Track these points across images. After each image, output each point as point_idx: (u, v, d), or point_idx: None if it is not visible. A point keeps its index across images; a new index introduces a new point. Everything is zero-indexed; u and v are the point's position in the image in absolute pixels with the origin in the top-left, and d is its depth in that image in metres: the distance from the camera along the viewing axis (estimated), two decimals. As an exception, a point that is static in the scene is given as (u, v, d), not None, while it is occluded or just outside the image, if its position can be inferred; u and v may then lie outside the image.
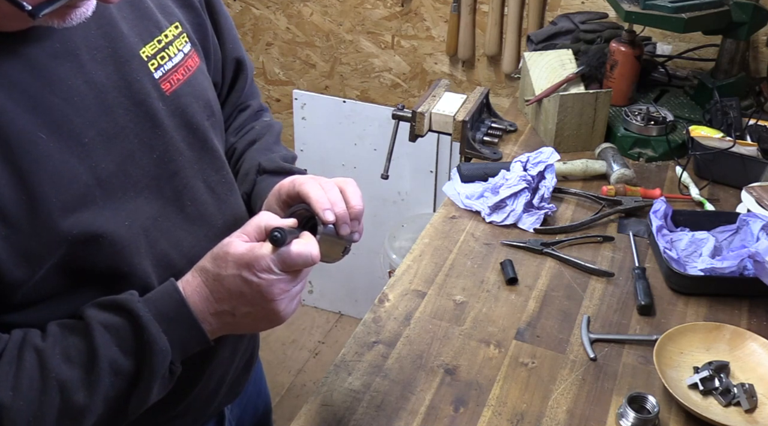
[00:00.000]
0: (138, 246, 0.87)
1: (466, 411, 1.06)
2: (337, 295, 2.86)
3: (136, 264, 0.87)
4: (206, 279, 0.85)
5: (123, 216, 0.86)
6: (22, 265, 0.78)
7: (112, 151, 0.85)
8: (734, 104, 1.67)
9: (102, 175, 0.83)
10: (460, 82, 2.35)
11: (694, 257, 1.33)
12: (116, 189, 0.85)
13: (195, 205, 0.94)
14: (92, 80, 0.83)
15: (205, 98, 0.97)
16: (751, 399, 1.05)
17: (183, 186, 0.93)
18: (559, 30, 1.94)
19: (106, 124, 0.84)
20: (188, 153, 0.94)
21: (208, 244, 0.93)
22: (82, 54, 0.83)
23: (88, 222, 0.82)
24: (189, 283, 0.85)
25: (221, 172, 1.00)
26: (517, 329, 1.20)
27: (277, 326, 0.88)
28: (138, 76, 0.87)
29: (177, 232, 0.92)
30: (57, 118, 0.80)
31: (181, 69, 0.93)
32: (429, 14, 2.29)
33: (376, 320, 1.21)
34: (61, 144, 0.80)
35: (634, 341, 1.17)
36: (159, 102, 0.89)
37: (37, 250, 0.79)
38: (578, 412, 1.05)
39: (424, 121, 1.70)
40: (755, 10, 1.65)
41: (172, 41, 0.93)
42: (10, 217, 0.76)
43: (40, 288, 0.82)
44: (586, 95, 1.63)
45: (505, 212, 1.43)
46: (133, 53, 0.88)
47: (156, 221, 0.90)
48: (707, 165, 1.56)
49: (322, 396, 1.08)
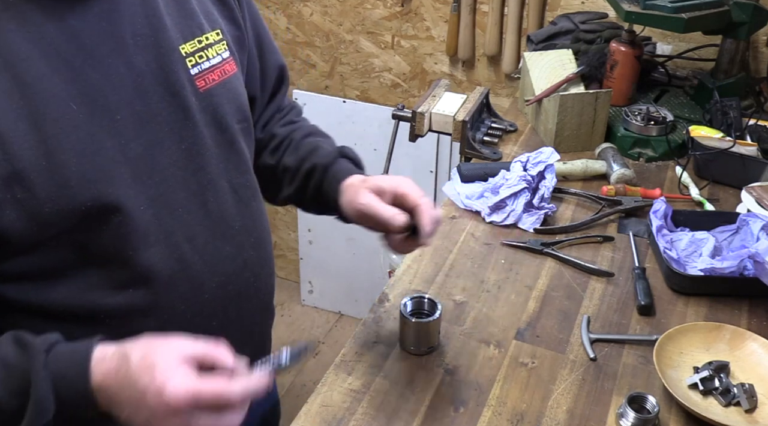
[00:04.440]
0: (149, 232, 0.88)
1: (466, 411, 1.06)
2: (337, 295, 2.86)
3: (142, 250, 0.87)
4: (117, 367, 0.78)
5: (142, 199, 0.87)
6: (32, 230, 0.80)
7: (143, 135, 0.87)
8: (734, 104, 1.67)
9: (130, 155, 0.85)
10: (460, 82, 2.35)
11: (694, 257, 1.33)
12: (142, 172, 0.87)
13: (217, 203, 0.95)
14: (132, 63, 0.86)
15: (238, 103, 1.00)
16: (751, 399, 1.05)
17: (207, 182, 0.94)
18: (559, 30, 1.94)
19: (140, 107, 0.87)
20: (215, 150, 0.95)
21: (223, 243, 0.95)
22: (127, 38, 0.86)
23: (105, 196, 0.83)
24: (104, 361, 0.79)
25: (246, 176, 1.01)
26: (517, 329, 1.20)
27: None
28: (175, 68, 0.90)
29: (194, 226, 0.93)
30: (92, 92, 0.82)
31: (217, 71, 0.96)
32: (429, 14, 2.29)
33: (376, 320, 1.21)
34: (92, 117, 0.82)
35: (634, 341, 1.17)
36: (192, 96, 0.92)
37: (49, 217, 0.80)
38: (578, 412, 1.05)
39: (424, 121, 1.70)
40: (755, 10, 1.65)
41: (212, 44, 0.96)
42: (28, 180, 0.78)
43: (42, 260, 0.83)
44: (586, 95, 1.63)
45: (505, 212, 1.43)
46: (173, 47, 0.91)
47: (175, 212, 0.91)
48: (707, 165, 1.56)
49: (322, 396, 1.08)
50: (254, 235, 1.01)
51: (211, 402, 0.76)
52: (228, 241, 0.95)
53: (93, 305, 0.88)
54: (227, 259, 0.97)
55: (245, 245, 1.00)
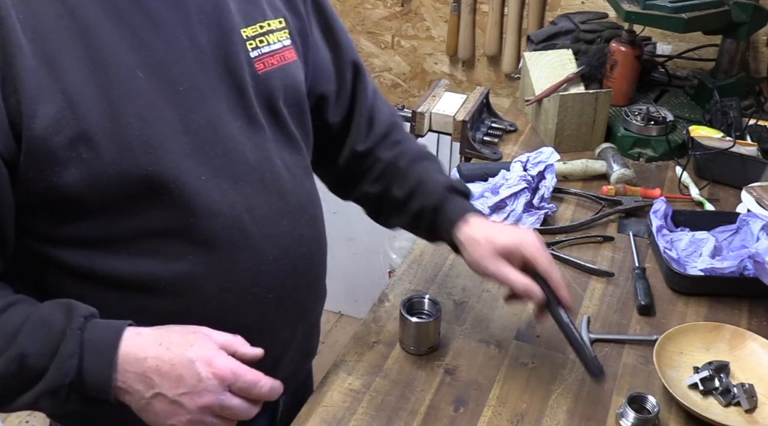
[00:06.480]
0: (211, 201, 0.90)
1: (466, 411, 1.06)
2: (337, 295, 2.85)
3: (204, 219, 0.90)
4: (157, 340, 0.83)
5: (204, 169, 0.89)
6: (94, 192, 0.83)
7: (204, 108, 0.90)
8: (734, 104, 1.67)
9: (191, 126, 0.88)
10: (460, 82, 2.35)
11: (694, 257, 1.33)
12: (204, 143, 0.90)
13: (273, 178, 0.97)
14: (195, 39, 0.89)
15: (294, 88, 1.02)
16: (751, 399, 1.05)
17: (264, 158, 0.96)
18: (559, 30, 1.94)
19: (201, 82, 0.90)
20: (268, 130, 0.98)
21: (280, 217, 0.98)
22: (192, 15, 0.89)
23: (165, 163, 0.86)
24: (139, 336, 0.83)
25: (298, 156, 1.03)
26: (517, 329, 1.20)
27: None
28: (236, 49, 0.93)
29: (254, 198, 0.95)
30: (157, 62, 0.86)
31: (276, 56, 0.99)
32: (429, 14, 2.29)
33: (376, 320, 1.21)
34: (156, 85, 0.85)
35: (634, 341, 1.17)
36: (249, 77, 0.95)
37: (111, 180, 0.83)
38: (578, 412, 1.05)
39: (424, 121, 1.70)
40: (755, 10, 1.66)
41: (273, 31, 0.99)
42: (94, 141, 0.81)
43: (103, 226, 0.87)
44: (586, 95, 1.63)
45: (505, 212, 1.43)
46: (235, 29, 0.94)
47: (237, 184, 0.93)
48: (707, 165, 1.56)
49: (322, 396, 1.08)
50: (309, 213, 1.04)
51: (246, 385, 0.82)
52: (285, 216, 0.98)
53: (154, 272, 0.90)
54: (285, 233, 0.99)
55: (301, 221, 1.01)
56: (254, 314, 0.98)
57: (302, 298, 1.05)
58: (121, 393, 0.82)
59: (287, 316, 1.03)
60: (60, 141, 0.80)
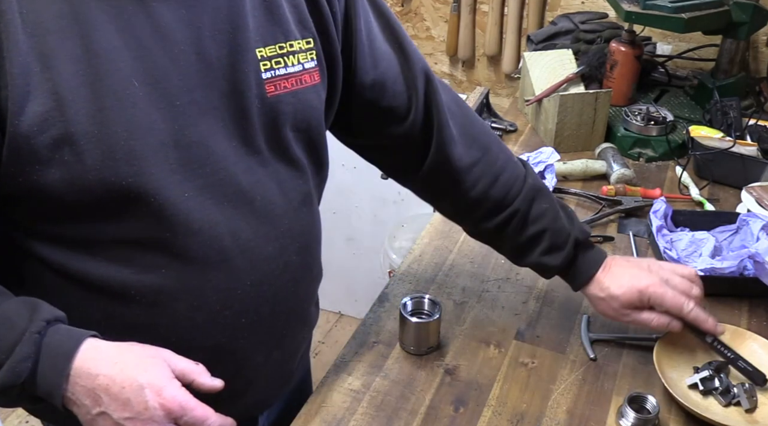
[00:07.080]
0: (191, 219, 0.88)
1: (466, 411, 1.06)
2: (337, 295, 2.86)
3: (180, 236, 0.88)
4: (114, 358, 0.82)
5: (189, 186, 0.88)
6: (72, 194, 0.82)
7: (199, 124, 0.88)
8: (734, 104, 1.67)
9: (182, 142, 0.86)
10: (460, 82, 2.35)
11: (694, 257, 1.33)
12: (193, 160, 0.88)
13: (264, 202, 0.95)
14: (204, 55, 0.87)
15: (306, 114, 0.97)
16: (751, 399, 1.05)
17: (256, 181, 0.94)
18: (559, 30, 1.94)
19: (201, 98, 0.87)
20: (268, 153, 0.95)
21: (266, 243, 0.95)
22: (205, 30, 0.87)
23: (147, 176, 0.84)
24: (97, 350, 0.82)
25: (298, 182, 1.00)
26: (517, 329, 1.20)
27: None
28: (246, 69, 0.90)
29: (239, 221, 0.93)
30: (157, 74, 0.84)
31: (292, 79, 0.95)
32: (429, 14, 2.29)
33: (376, 320, 1.21)
34: (152, 96, 0.84)
35: (634, 341, 1.17)
36: (256, 99, 0.92)
37: (91, 186, 0.82)
38: (578, 412, 1.05)
39: (424, 121, 1.70)
40: (755, 10, 1.66)
41: (296, 52, 0.95)
42: (78, 145, 0.80)
43: (80, 228, 0.86)
44: (586, 95, 1.63)
45: (505, 212, 1.43)
46: (250, 48, 0.91)
47: (221, 204, 0.91)
48: (707, 165, 1.56)
49: (322, 396, 1.08)
50: (300, 241, 1.01)
51: (193, 421, 0.82)
52: (271, 242, 0.95)
53: (125, 280, 0.89)
54: (268, 259, 0.97)
55: (289, 249, 0.99)
56: (224, 336, 0.96)
57: (280, 325, 1.03)
58: (69, 403, 0.82)
59: (261, 342, 1.01)
60: (44, 140, 0.79)
